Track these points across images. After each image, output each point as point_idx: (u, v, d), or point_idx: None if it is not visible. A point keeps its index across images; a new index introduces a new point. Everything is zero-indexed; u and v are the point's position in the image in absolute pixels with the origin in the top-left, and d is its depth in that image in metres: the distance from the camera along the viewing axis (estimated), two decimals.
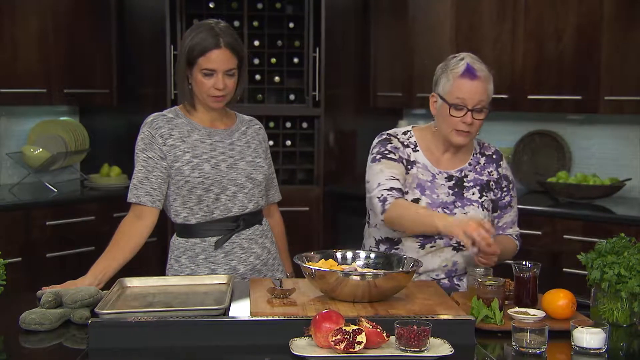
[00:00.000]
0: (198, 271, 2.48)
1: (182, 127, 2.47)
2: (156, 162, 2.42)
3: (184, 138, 2.45)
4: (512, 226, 2.60)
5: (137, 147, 2.46)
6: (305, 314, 1.94)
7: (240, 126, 2.59)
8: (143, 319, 1.89)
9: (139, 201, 2.42)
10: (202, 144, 2.46)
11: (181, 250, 2.51)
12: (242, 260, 2.52)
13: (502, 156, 2.59)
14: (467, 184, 2.49)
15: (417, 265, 2.14)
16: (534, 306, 2.14)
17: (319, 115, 4.61)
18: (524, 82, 4.27)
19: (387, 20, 4.80)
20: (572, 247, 3.74)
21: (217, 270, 2.48)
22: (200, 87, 2.42)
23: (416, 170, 2.47)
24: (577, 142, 4.50)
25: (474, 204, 2.46)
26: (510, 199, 2.57)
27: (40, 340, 1.94)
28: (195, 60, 2.40)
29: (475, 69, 2.36)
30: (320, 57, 4.56)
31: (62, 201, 4.17)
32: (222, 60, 2.39)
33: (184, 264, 2.50)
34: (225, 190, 2.45)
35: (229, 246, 2.50)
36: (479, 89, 2.36)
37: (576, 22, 4.08)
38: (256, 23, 4.68)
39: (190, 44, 2.40)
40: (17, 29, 4.13)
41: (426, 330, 1.79)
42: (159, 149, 2.42)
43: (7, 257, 3.69)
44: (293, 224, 4.41)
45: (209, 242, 2.48)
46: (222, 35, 2.40)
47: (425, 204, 2.42)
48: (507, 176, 2.57)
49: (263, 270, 2.56)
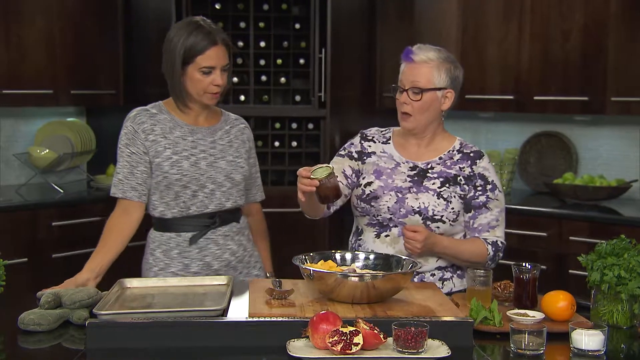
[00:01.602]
0: (172, 266, 2.51)
1: (165, 123, 2.50)
2: (140, 157, 2.46)
3: (166, 134, 2.48)
4: (488, 230, 2.49)
5: (121, 142, 2.50)
6: (303, 315, 1.94)
7: (224, 125, 2.62)
8: (141, 319, 1.89)
9: (125, 196, 2.46)
10: (184, 141, 2.49)
11: (156, 243, 2.54)
12: (216, 256, 2.54)
13: (482, 156, 2.53)
14: (431, 174, 2.50)
15: (415, 267, 2.14)
16: (534, 308, 2.13)
17: (324, 116, 4.61)
18: (530, 83, 4.26)
19: (393, 21, 4.79)
20: (578, 249, 3.71)
21: (190, 266, 2.51)
22: (197, 85, 2.45)
23: (376, 159, 2.56)
24: (583, 144, 4.48)
25: (430, 191, 2.46)
26: (486, 199, 2.48)
27: (39, 340, 1.95)
28: (192, 60, 2.42)
29: (412, 52, 2.48)
30: (326, 58, 4.55)
31: (68, 202, 4.18)
32: (220, 57, 2.44)
33: (158, 257, 2.53)
34: (203, 188, 2.49)
35: (203, 242, 2.53)
36: (414, 71, 2.46)
37: (582, 22, 4.06)
38: (262, 24, 4.68)
39: (186, 44, 2.42)
40: (24, 30, 4.15)
41: (423, 332, 1.78)
42: (142, 144, 2.46)
43: (13, 257, 3.78)
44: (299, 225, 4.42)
45: (184, 237, 2.51)
46: (215, 32, 2.45)
47: (377, 187, 2.50)
48: (484, 176, 2.50)
49: (238, 267, 2.59)
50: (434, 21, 4.60)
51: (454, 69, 2.50)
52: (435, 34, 4.56)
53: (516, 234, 4.01)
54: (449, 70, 2.48)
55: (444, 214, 2.44)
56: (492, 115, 4.75)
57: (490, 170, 2.53)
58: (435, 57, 2.47)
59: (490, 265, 2.47)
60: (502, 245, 2.50)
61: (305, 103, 4.69)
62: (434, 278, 2.48)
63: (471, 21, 4.45)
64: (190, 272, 2.51)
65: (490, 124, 4.82)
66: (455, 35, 4.50)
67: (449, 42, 4.49)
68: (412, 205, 2.45)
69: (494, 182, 2.51)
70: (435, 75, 2.46)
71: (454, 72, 2.49)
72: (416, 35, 4.62)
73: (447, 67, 2.47)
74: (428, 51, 2.48)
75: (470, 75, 4.44)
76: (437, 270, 2.49)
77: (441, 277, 2.49)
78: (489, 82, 4.41)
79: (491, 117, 4.79)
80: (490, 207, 2.49)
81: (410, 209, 2.44)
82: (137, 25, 4.68)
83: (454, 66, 2.50)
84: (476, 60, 4.44)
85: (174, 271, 2.51)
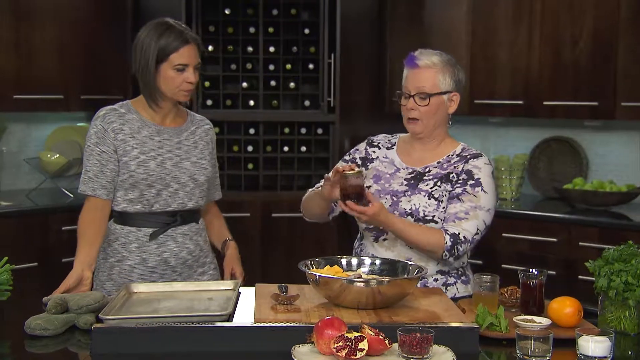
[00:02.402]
0: (129, 258, 2.55)
1: (133, 122, 2.54)
2: (110, 155, 2.50)
3: (134, 134, 2.52)
4: (454, 220, 2.40)
5: (90, 140, 2.53)
6: (309, 320, 1.94)
7: (190, 125, 2.65)
8: (146, 324, 1.90)
9: (95, 194, 2.51)
10: (151, 141, 2.53)
11: (115, 235, 2.57)
12: (174, 253, 2.57)
13: (478, 157, 2.49)
14: (427, 177, 2.50)
15: (421, 272, 2.13)
16: (541, 314, 2.12)
17: (334, 121, 4.61)
18: (539, 87, 4.25)
19: (402, 26, 4.79)
20: (588, 255, 3.67)
21: (148, 260, 2.54)
22: (171, 82, 2.49)
23: (378, 164, 2.60)
24: (593, 149, 4.46)
25: (422, 192, 2.47)
26: (461, 191, 2.43)
27: (45, 345, 1.96)
28: (166, 58, 2.47)
29: (416, 58, 2.50)
30: (336, 63, 4.56)
31: (78, 206, 4.12)
32: (193, 55, 2.50)
33: (115, 249, 2.57)
34: (167, 187, 2.53)
35: (162, 238, 2.56)
36: (419, 76, 2.48)
37: (592, 26, 4.05)
38: (271, 29, 4.69)
39: (160, 43, 2.47)
40: (35, 35, 4.18)
41: (429, 338, 1.78)
42: (112, 143, 2.50)
43: (23, 262, 3.80)
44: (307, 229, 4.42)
45: (144, 232, 2.55)
46: (186, 32, 2.51)
47: (374, 191, 2.53)
48: (470, 172, 2.46)
49: (194, 266, 2.62)
50: (444, 26, 4.60)
51: (457, 72, 2.51)
52: (445, 39, 4.56)
53: (526, 239, 4.01)
54: (453, 73, 2.50)
55: (436, 214, 2.44)
56: (502, 120, 4.74)
57: (481, 170, 2.47)
58: (438, 61, 2.48)
59: (447, 257, 2.39)
60: (464, 240, 2.38)
61: (315, 108, 4.69)
62: (437, 283, 2.47)
63: (481, 25, 4.45)
64: (148, 267, 2.55)
65: (499, 129, 4.81)
66: (465, 40, 4.50)
67: (459, 47, 4.49)
68: (405, 208, 2.45)
69: (479, 180, 2.45)
70: (440, 79, 2.47)
71: (457, 74, 2.51)
72: (426, 39, 4.62)
73: (450, 70, 2.49)
74: (430, 55, 2.49)
75: (480, 80, 4.45)
76: (439, 274, 2.48)
77: (444, 282, 2.48)
78: (498, 87, 4.40)
79: (500, 122, 4.77)
80: (463, 199, 2.42)
81: (403, 212, 2.45)
82: None
83: (457, 69, 2.52)
84: (486, 65, 4.44)
85: (131, 264, 2.55)
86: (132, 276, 2.54)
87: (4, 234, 3.82)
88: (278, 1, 4.68)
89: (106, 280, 2.56)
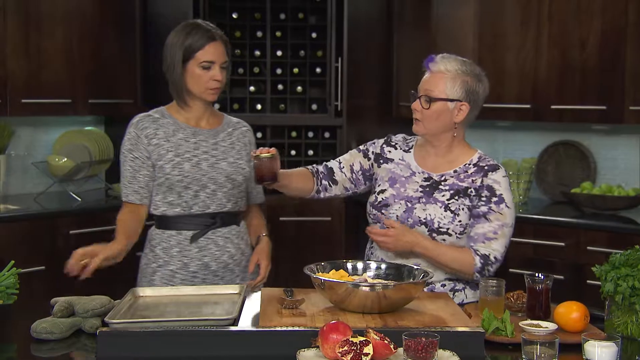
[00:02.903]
0: (171, 263, 2.56)
1: (167, 126, 2.57)
2: (143, 161, 2.54)
3: (169, 137, 2.55)
4: (484, 241, 2.39)
5: (124, 147, 2.58)
6: (314, 324, 1.94)
7: (226, 127, 2.67)
8: (152, 328, 1.90)
9: (128, 200, 2.56)
10: (186, 143, 2.56)
11: (157, 240, 2.60)
12: (215, 257, 2.58)
13: (496, 169, 2.46)
14: (443, 187, 2.48)
15: (427, 277, 2.13)
16: (547, 318, 2.12)
17: (341, 125, 4.61)
18: (547, 91, 4.23)
19: (410, 30, 4.79)
20: (596, 259, 3.67)
21: (189, 265, 2.56)
22: (198, 80, 2.52)
23: (393, 166, 2.57)
24: (602, 153, 4.44)
25: (438, 203, 2.44)
26: (487, 210, 2.41)
27: (51, 349, 1.96)
28: (192, 55, 2.50)
29: (432, 61, 2.48)
30: (343, 67, 4.57)
31: (86, 210, 4.21)
32: (219, 53, 2.53)
33: (157, 254, 2.59)
34: (204, 188, 2.55)
35: (203, 242, 2.57)
36: (429, 79, 2.47)
37: (600, 30, 4.03)
38: (279, 33, 4.70)
39: (186, 41, 2.51)
40: (43, 39, 4.19)
41: (434, 342, 1.77)
42: (145, 149, 2.54)
43: (31, 265, 3.81)
44: (315, 233, 4.42)
45: (184, 235, 2.57)
46: (213, 30, 2.54)
47: (389, 195, 2.51)
48: (492, 187, 2.43)
49: (235, 271, 2.63)
50: (451, 29, 4.59)
51: (473, 82, 2.44)
52: (452, 43, 4.55)
53: (533, 243, 3.99)
54: (466, 82, 2.43)
55: (450, 227, 2.41)
56: (509, 124, 4.73)
57: (501, 184, 2.44)
58: (454, 68, 2.43)
59: (477, 278, 2.38)
60: (495, 260, 2.39)
61: (322, 112, 4.70)
62: (445, 288, 2.46)
63: (488, 29, 4.44)
64: (189, 271, 2.56)
65: (507, 133, 4.80)
66: (472, 44, 4.49)
67: (466, 51, 4.48)
68: (420, 216, 2.44)
69: (501, 196, 2.42)
70: (448, 87, 2.43)
71: (472, 85, 2.44)
72: (433, 43, 4.62)
73: (464, 79, 2.43)
74: (449, 62, 2.45)
75: None
76: (447, 280, 2.47)
77: (452, 288, 2.47)
78: (506, 90, 4.39)
79: (508, 126, 4.76)
80: (490, 218, 2.41)
81: (417, 220, 2.43)
82: (155, 35, 4.71)
83: (476, 80, 2.45)
84: (493, 69, 4.41)
85: (173, 269, 2.56)
86: (174, 281, 2.55)
87: (12, 237, 3.83)
88: (285, 5, 4.69)
89: (148, 286, 2.54)
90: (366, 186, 2.64)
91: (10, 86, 4.07)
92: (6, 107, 4.07)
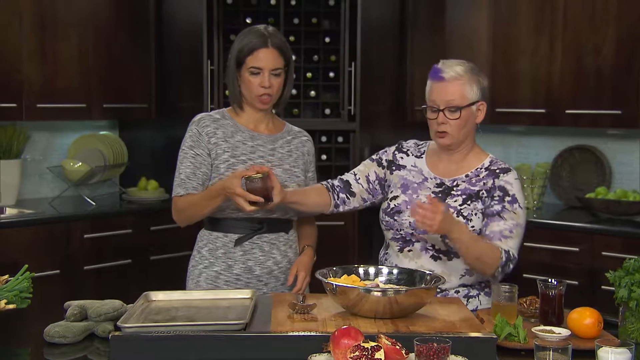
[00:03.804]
0: (215, 264, 2.56)
1: (227, 127, 2.57)
2: (204, 159, 2.54)
3: (227, 138, 2.55)
4: (500, 239, 2.38)
5: (185, 144, 2.57)
6: (325, 329, 1.94)
7: (286, 135, 2.67)
8: (164, 333, 1.90)
9: (189, 193, 2.51)
10: (244, 146, 2.56)
11: (204, 242, 2.60)
12: (259, 262, 2.56)
13: (508, 171, 2.47)
14: (455, 192, 2.47)
15: (439, 282, 2.12)
16: (560, 324, 2.10)
17: (354, 129, 4.61)
18: (561, 96, 4.21)
19: (423, 34, 4.78)
20: (611, 264, 3.64)
21: (233, 267, 2.55)
22: (248, 86, 2.53)
23: (406, 173, 2.56)
24: (617, 157, 4.41)
25: (451, 209, 2.42)
26: (501, 209, 2.41)
27: (64, 353, 1.97)
28: (244, 60, 2.51)
29: (441, 70, 2.45)
30: (356, 72, 4.57)
31: (100, 214, 4.23)
32: (269, 59, 2.50)
33: (204, 255, 2.59)
34: None
35: (248, 246, 2.56)
36: (446, 89, 2.42)
37: (616, 35, 4.01)
38: (292, 38, 4.70)
39: (239, 45, 2.53)
40: (59, 45, 4.22)
41: (446, 348, 1.76)
42: (205, 146, 2.54)
43: (45, 269, 3.84)
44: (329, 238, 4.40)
45: (230, 237, 2.56)
46: (269, 36, 2.52)
47: (402, 201, 2.51)
48: (504, 188, 2.43)
49: (281, 278, 2.59)
50: (465, 34, 4.59)
51: (482, 79, 2.48)
52: (466, 47, 4.55)
53: (548, 248, 3.97)
54: (478, 82, 2.46)
55: None
56: (524, 128, 4.71)
57: (513, 185, 2.45)
58: (463, 71, 2.44)
59: (498, 275, 2.36)
60: (514, 257, 2.39)
61: (335, 116, 4.70)
62: (459, 295, 2.45)
63: (502, 34, 4.43)
64: (233, 274, 2.54)
65: (521, 137, 4.78)
66: (486, 48, 4.48)
67: (480, 55, 4.48)
68: None
69: (514, 195, 2.43)
70: (468, 90, 2.43)
71: (482, 82, 2.48)
72: (447, 48, 4.62)
73: (476, 79, 2.45)
74: (455, 66, 2.45)
75: (501, 88, 4.42)
76: (461, 287, 2.46)
77: (466, 295, 2.46)
78: (520, 95, 4.37)
79: (522, 131, 4.75)
80: (505, 217, 2.40)
81: None
82: (169, 40, 4.74)
83: (481, 77, 2.48)
84: (507, 73, 4.42)
85: (217, 270, 2.55)
86: (218, 282, 2.55)
87: (27, 241, 3.86)
88: (299, 10, 4.69)
89: (195, 287, 2.56)
90: (383, 195, 2.62)
91: (26, 91, 4.10)
92: (22, 112, 4.10)
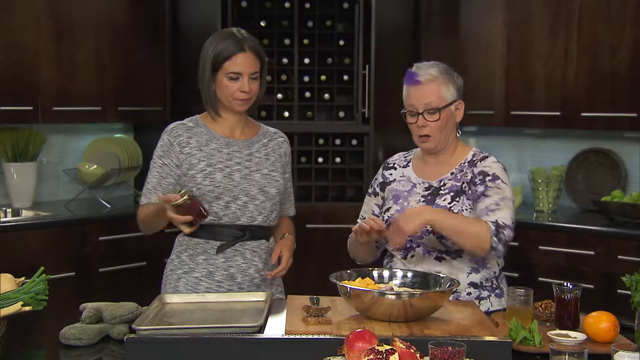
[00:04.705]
0: (196, 270, 2.55)
1: (201, 136, 2.55)
2: (171, 169, 2.53)
3: (202, 147, 2.53)
4: (487, 213, 2.36)
5: (155, 153, 2.57)
6: (340, 333, 1.93)
7: (262, 138, 2.65)
8: (178, 335, 1.91)
9: (151, 202, 2.53)
10: (219, 153, 2.54)
11: (184, 247, 2.59)
12: (241, 269, 2.56)
13: (485, 158, 2.49)
14: (443, 191, 2.49)
15: (454, 285, 2.12)
16: (576, 328, 2.09)
17: (368, 132, 4.61)
18: (577, 99, 4.19)
19: (438, 38, 4.77)
20: (627, 268, 3.61)
21: (214, 274, 2.54)
22: (225, 91, 2.50)
23: (396, 184, 2.60)
24: (633, 160, 4.39)
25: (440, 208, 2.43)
26: (484, 189, 2.42)
27: (79, 355, 1.98)
28: (220, 66, 2.49)
29: (416, 74, 2.48)
30: (370, 75, 4.56)
31: (115, 217, 4.25)
32: (247, 64, 2.49)
33: (183, 260, 2.58)
34: (236, 200, 2.52)
35: (230, 253, 2.55)
36: (423, 92, 2.46)
37: (632, 37, 3.99)
38: (306, 41, 4.71)
39: (215, 50, 2.50)
40: (75, 48, 4.24)
41: (460, 352, 1.76)
42: (176, 157, 2.52)
43: (60, 271, 3.86)
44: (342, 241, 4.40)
45: (212, 244, 2.55)
46: (245, 40, 2.51)
47: (394, 211, 2.52)
48: (483, 172, 2.45)
49: (262, 286, 2.59)
50: (480, 36, 4.58)
51: (456, 79, 2.52)
52: (481, 50, 4.54)
53: (563, 252, 3.96)
54: (454, 81, 2.50)
55: None
56: (539, 131, 4.69)
57: (492, 167, 2.46)
58: (438, 72, 2.48)
59: (496, 244, 2.31)
60: (504, 224, 2.33)
61: (349, 119, 4.70)
62: (471, 297, 2.45)
63: (517, 36, 4.41)
64: (214, 280, 2.54)
65: (536, 140, 4.76)
66: (501, 51, 4.47)
67: (495, 58, 4.47)
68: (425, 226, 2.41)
69: (494, 174, 2.44)
70: (444, 91, 2.47)
71: (457, 81, 2.51)
72: (461, 50, 4.61)
73: (451, 79, 2.49)
74: (429, 69, 2.49)
75: (516, 91, 4.41)
76: (471, 287, 2.46)
77: (478, 296, 2.45)
78: (535, 98, 4.36)
79: (537, 134, 4.73)
80: (489, 194, 2.40)
81: (425, 229, 2.41)
82: (183, 43, 4.75)
83: (455, 76, 2.51)
84: (522, 76, 4.40)
85: (198, 276, 2.55)
86: (199, 289, 2.53)
87: (43, 243, 3.88)
88: (313, 13, 4.70)
89: (173, 292, 2.55)
90: None
91: (42, 94, 4.12)
92: (38, 115, 4.13)
